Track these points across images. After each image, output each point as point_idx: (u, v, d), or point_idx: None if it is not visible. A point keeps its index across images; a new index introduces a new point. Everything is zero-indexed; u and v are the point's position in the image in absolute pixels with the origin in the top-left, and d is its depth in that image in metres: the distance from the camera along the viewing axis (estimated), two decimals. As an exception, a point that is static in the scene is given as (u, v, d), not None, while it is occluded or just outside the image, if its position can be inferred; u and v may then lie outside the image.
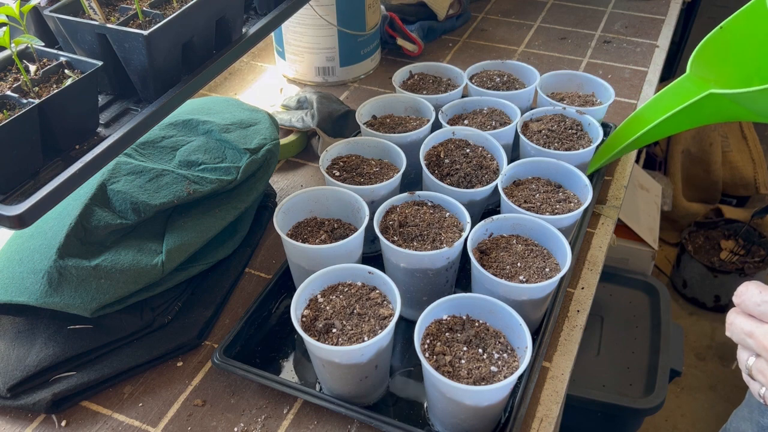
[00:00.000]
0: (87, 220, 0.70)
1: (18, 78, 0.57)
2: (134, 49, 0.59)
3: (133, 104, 0.64)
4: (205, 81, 0.66)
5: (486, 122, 0.87)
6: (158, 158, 0.79)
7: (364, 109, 0.88)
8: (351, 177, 0.78)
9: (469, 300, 0.62)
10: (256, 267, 0.83)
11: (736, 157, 2.06)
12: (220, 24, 0.67)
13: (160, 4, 0.65)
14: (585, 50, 1.26)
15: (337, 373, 0.61)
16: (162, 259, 0.71)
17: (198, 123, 0.83)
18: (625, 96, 1.12)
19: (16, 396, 0.66)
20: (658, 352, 1.29)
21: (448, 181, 0.77)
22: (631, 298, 1.43)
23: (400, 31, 1.22)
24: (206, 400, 0.68)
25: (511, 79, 0.97)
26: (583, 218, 0.84)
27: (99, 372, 0.68)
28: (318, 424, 0.65)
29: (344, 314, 0.61)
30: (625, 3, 1.41)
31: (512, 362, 0.58)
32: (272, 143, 0.83)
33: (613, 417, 1.24)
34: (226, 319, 0.76)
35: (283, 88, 1.16)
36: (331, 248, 0.67)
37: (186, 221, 0.76)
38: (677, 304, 1.96)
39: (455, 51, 1.27)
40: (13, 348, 0.68)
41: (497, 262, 0.68)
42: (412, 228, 0.70)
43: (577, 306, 0.76)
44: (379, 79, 1.20)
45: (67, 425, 0.66)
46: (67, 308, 0.66)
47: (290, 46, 1.15)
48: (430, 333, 0.61)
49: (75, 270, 0.67)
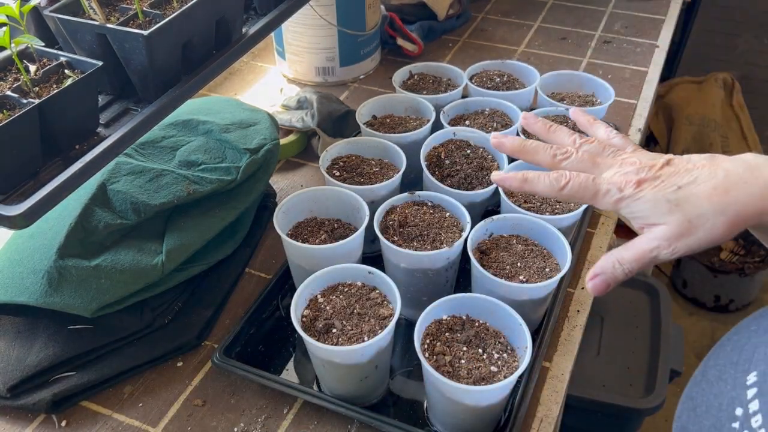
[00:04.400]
0: (87, 220, 0.70)
1: (18, 78, 0.57)
2: (134, 49, 0.59)
3: (133, 104, 0.64)
4: (205, 81, 0.66)
5: (487, 123, 0.87)
6: (158, 158, 0.79)
7: (364, 109, 0.88)
8: (351, 177, 0.78)
9: (469, 300, 0.62)
10: (256, 267, 0.83)
11: (736, 157, 2.06)
12: (220, 24, 0.67)
13: (160, 4, 0.65)
14: (585, 50, 1.26)
15: (337, 373, 0.61)
16: (162, 259, 0.71)
17: (198, 123, 0.83)
18: (625, 96, 1.12)
19: (16, 396, 0.66)
20: (658, 352, 1.28)
21: (449, 182, 0.77)
22: (631, 298, 1.43)
23: (400, 31, 1.22)
24: (206, 400, 0.68)
25: (511, 79, 0.97)
26: (583, 218, 0.84)
27: (99, 372, 0.68)
28: (318, 424, 0.65)
29: (344, 314, 0.61)
30: (625, 3, 1.41)
31: (512, 362, 0.58)
32: (272, 143, 0.83)
33: (613, 417, 1.24)
34: (226, 319, 0.76)
35: (283, 88, 1.16)
36: (331, 248, 0.67)
37: (186, 221, 0.76)
38: (677, 304, 1.96)
39: (455, 51, 1.27)
40: (13, 348, 0.68)
41: (497, 262, 0.68)
42: (412, 228, 0.70)
43: (577, 306, 0.76)
44: (379, 79, 1.20)
45: (67, 425, 0.66)
46: (67, 308, 0.66)
47: (290, 46, 1.15)
48: (430, 333, 0.61)
49: (75, 270, 0.67)
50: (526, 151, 0.55)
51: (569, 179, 0.50)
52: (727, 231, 0.45)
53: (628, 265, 0.49)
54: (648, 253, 0.48)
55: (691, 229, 0.46)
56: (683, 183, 0.47)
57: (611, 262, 0.49)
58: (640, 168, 0.49)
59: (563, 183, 0.50)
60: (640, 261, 0.48)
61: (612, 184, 0.49)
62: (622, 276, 0.49)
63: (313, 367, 0.66)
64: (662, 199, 0.47)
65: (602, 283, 0.50)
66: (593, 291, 0.51)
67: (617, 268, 0.49)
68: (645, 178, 0.48)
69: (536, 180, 0.52)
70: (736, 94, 2.05)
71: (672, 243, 0.46)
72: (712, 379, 0.46)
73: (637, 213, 0.48)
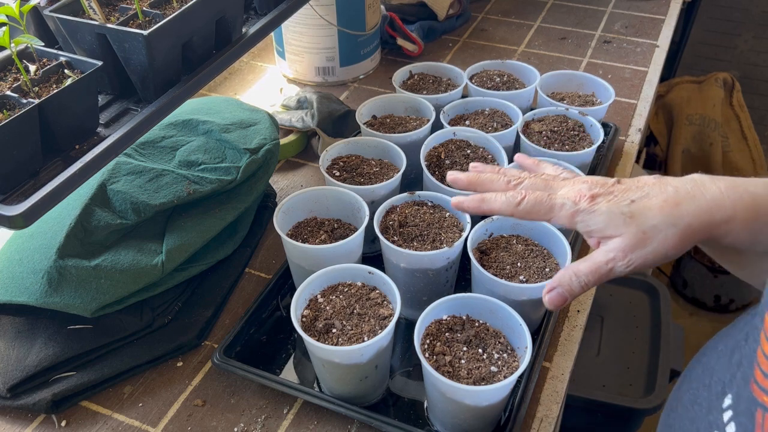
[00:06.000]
0: (87, 220, 0.70)
1: (18, 78, 0.57)
2: (134, 49, 0.59)
3: (133, 104, 0.64)
4: (205, 81, 0.66)
5: (487, 123, 0.87)
6: (158, 158, 0.79)
7: (364, 109, 0.88)
8: (351, 177, 0.78)
9: (469, 300, 0.62)
10: (256, 267, 0.83)
11: (737, 157, 2.06)
12: (220, 24, 0.67)
13: (160, 4, 0.65)
14: (585, 50, 1.26)
15: (337, 373, 0.61)
16: (162, 259, 0.71)
17: (198, 123, 0.83)
18: (625, 96, 1.12)
19: (16, 396, 0.66)
20: (659, 352, 1.28)
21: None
22: (631, 298, 1.43)
23: (400, 31, 1.22)
24: (206, 400, 0.68)
25: (511, 79, 0.97)
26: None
27: (99, 372, 0.68)
28: (318, 424, 0.65)
29: (344, 314, 0.61)
30: (625, 3, 1.41)
31: (512, 362, 0.58)
32: (272, 143, 0.83)
33: (613, 417, 1.24)
34: (226, 319, 0.76)
35: (283, 88, 1.16)
36: (331, 248, 0.67)
37: (186, 221, 0.76)
38: (677, 304, 1.96)
39: (455, 51, 1.27)
40: (13, 348, 0.68)
41: (497, 262, 0.68)
42: (412, 228, 0.70)
43: (577, 306, 0.76)
44: (379, 79, 1.20)
45: (67, 425, 0.66)
46: (67, 308, 0.66)
47: (290, 46, 1.15)
48: (430, 333, 0.60)
49: (75, 270, 0.67)
50: (480, 183, 0.57)
51: (524, 195, 0.52)
52: (678, 243, 0.47)
53: (584, 277, 0.50)
54: (603, 265, 0.49)
55: (645, 240, 0.48)
56: (636, 197, 0.49)
57: (568, 275, 0.51)
58: (592, 185, 0.51)
59: (519, 199, 0.52)
60: (595, 273, 0.50)
61: (567, 198, 0.51)
62: (578, 289, 0.51)
63: (313, 367, 0.66)
64: (617, 212, 0.48)
65: (558, 296, 0.52)
66: (549, 304, 0.52)
67: (573, 281, 0.51)
68: (599, 192, 0.50)
69: (493, 199, 0.54)
70: (736, 94, 2.05)
71: (627, 254, 0.48)
72: (687, 404, 0.46)
73: (593, 226, 0.50)
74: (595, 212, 0.49)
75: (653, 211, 0.47)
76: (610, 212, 0.49)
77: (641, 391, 1.24)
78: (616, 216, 0.48)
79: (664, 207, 0.47)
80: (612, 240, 0.49)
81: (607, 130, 0.96)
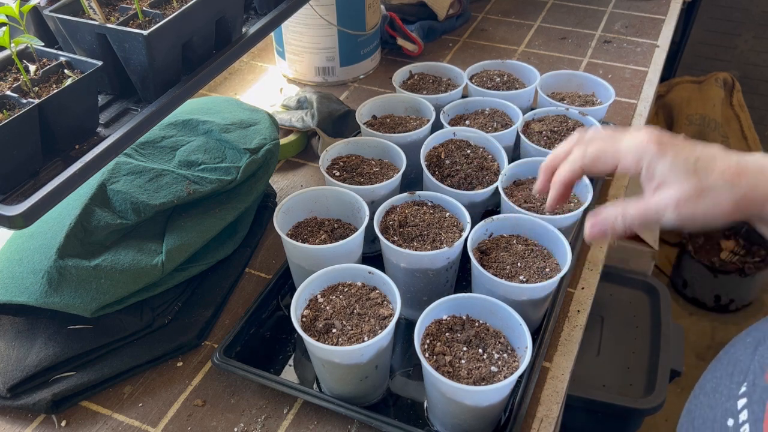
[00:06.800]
0: (87, 220, 0.70)
1: (18, 78, 0.57)
2: (134, 49, 0.59)
3: (133, 104, 0.64)
4: (205, 81, 0.66)
5: (487, 123, 0.87)
6: (158, 158, 0.79)
7: (364, 109, 0.88)
8: (351, 177, 0.78)
9: (469, 300, 0.62)
10: (256, 267, 0.83)
11: (737, 157, 2.06)
12: (220, 24, 0.67)
13: (160, 4, 0.65)
14: (585, 50, 1.26)
15: (337, 373, 0.61)
16: (162, 259, 0.71)
17: (198, 123, 0.83)
18: (626, 96, 1.12)
19: (16, 396, 0.66)
20: (659, 352, 1.28)
21: (449, 182, 0.77)
22: (631, 298, 1.43)
23: (400, 31, 1.22)
24: (206, 400, 0.68)
25: (511, 79, 0.97)
26: (584, 218, 0.83)
27: (99, 372, 0.68)
28: (318, 424, 0.65)
29: (344, 314, 0.61)
30: (625, 3, 1.41)
31: (512, 362, 0.58)
32: (272, 143, 0.83)
33: (613, 417, 1.24)
34: (226, 319, 0.76)
35: (283, 88, 1.16)
36: (331, 248, 0.67)
37: (186, 221, 0.76)
38: (677, 304, 1.96)
39: (455, 51, 1.27)
40: (13, 348, 0.68)
41: (497, 262, 0.68)
42: (412, 228, 0.70)
43: (577, 306, 0.76)
44: (379, 79, 1.20)
45: (67, 425, 0.66)
46: (67, 308, 0.66)
47: (290, 46, 1.15)
48: (430, 333, 0.60)
49: (75, 270, 0.67)
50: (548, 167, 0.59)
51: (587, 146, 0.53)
52: (731, 210, 0.48)
53: (630, 219, 0.51)
54: (654, 210, 0.50)
55: (701, 196, 0.48)
56: (702, 156, 0.49)
57: (614, 214, 0.52)
58: (660, 134, 0.52)
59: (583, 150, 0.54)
60: (643, 216, 0.51)
61: (633, 143, 0.52)
62: (620, 228, 0.52)
63: (313, 367, 0.66)
64: (682, 163, 0.49)
65: (599, 231, 0.53)
66: (589, 236, 0.53)
67: (618, 221, 0.52)
68: (666, 141, 0.51)
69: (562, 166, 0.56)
70: (736, 94, 2.05)
71: (680, 205, 0.49)
72: (708, 391, 0.46)
73: (656, 171, 0.50)
74: (662, 159, 0.50)
75: (716, 173, 0.48)
76: (675, 161, 0.49)
77: (641, 391, 1.24)
78: (681, 166, 0.49)
79: (726, 172, 0.48)
80: (669, 189, 0.49)
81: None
